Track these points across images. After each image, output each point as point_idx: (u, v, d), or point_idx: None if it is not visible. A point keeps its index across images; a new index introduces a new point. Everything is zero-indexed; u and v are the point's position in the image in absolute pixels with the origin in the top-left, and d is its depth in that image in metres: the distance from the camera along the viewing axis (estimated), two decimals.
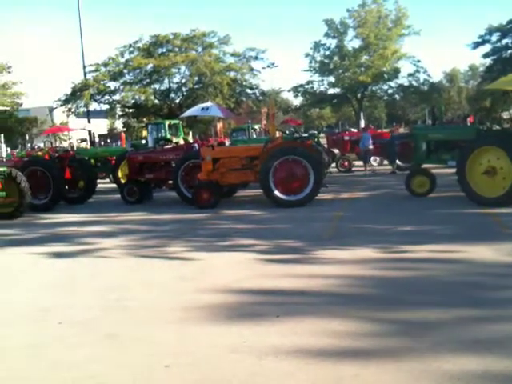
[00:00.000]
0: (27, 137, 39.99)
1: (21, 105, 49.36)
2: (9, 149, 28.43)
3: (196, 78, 40.61)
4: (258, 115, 40.81)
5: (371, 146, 18.82)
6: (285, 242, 8.25)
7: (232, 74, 41.79)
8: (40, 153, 17.16)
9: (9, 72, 47.89)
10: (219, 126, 26.94)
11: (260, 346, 4.23)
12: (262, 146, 12.80)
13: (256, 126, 28.18)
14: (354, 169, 20.46)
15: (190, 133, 33.50)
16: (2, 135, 16.76)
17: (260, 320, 4.84)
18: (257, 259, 7.21)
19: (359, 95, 48.50)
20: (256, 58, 42.53)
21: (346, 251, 7.32)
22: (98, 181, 17.26)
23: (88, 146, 30.04)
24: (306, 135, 18.56)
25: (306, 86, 49.04)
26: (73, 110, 42.01)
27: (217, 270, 6.82)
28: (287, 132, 19.02)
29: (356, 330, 4.46)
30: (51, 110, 50.52)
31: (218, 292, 5.77)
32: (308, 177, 11.84)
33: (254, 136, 24.85)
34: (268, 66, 44.14)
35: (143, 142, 25.97)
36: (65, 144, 40.62)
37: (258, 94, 43.97)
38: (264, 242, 8.30)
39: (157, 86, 42.32)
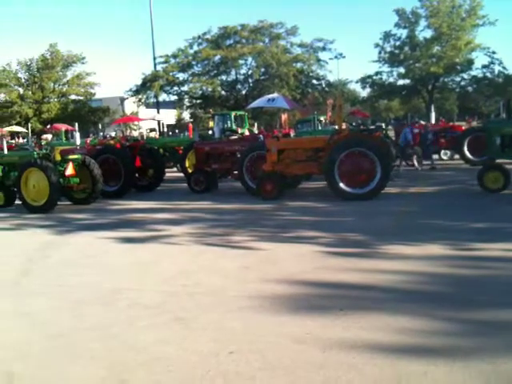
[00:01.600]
0: (100, 126, 41.54)
1: (94, 95, 51.39)
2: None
3: (262, 70, 40.76)
4: (323, 107, 40.42)
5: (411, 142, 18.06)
6: (349, 235, 8.15)
7: (299, 65, 41.59)
8: (112, 141, 17.75)
9: (83, 63, 50.01)
10: (284, 117, 26.91)
11: (324, 338, 4.22)
12: (328, 137, 12.69)
13: (321, 118, 27.92)
14: (423, 162, 19.86)
15: (255, 124, 33.65)
16: (77, 124, 17.44)
17: (324, 312, 4.82)
18: (321, 252, 7.17)
19: (430, 87, 46.89)
20: (323, 48, 42.13)
21: (412, 247, 7.14)
22: (166, 170, 17.71)
23: (157, 136, 30.88)
24: (372, 127, 18.21)
25: (375, 77, 47.97)
26: (143, 100, 43.29)
27: (280, 260, 6.85)
28: (354, 124, 18.72)
29: (424, 328, 4.36)
30: (122, 100, 52.19)
31: (282, 283, 5.79)
32: (375, 170, 11.62)
33: (320, 127, 24.62)
34: (335, 57, 43.66)
35: (210, 132, 26.35)
36: (134, 133, 41.91)
37: (324, 85, 43.57)
38: (328, 235, 8.24)
39: (224, 78, 42.88)
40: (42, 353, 4.15)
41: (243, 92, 43.45)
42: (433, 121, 23.58)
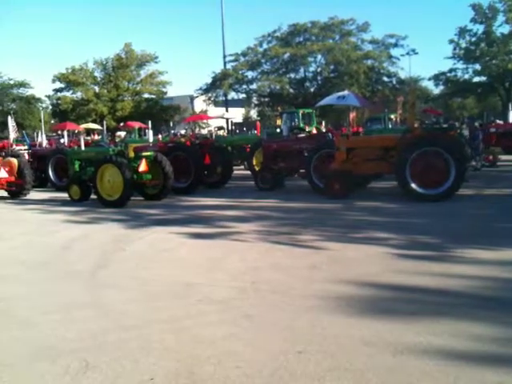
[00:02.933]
0: (171, 124, 42.64)
1: (166, 93, 52.80)
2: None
3: (332, 67, 40.40)
4: (393, 104, 39.53)
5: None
6: (421, 237, 7.91)
7: (369, 61, 40.84)
8: (182, 139, 18.19)
9: (156, 62, 51.50)
10: (352, 115, 26.51)
11: (395, 342, 4.13)
12: (399, 136, 12.38)
13: (392, 116, 27.29)
14: (499, 163, 19.00)
15: (323, 122, 33.40)
16: (150, 122, 17.98)
17: (394, 316, 4.71)
18: (390, 253, 7.01)
19: (507, 84, 44.70)
20: (395, 44, 41.17)
21: (489, 251, 6.83)
22: (234, 167, 17.92)
23: (225, 134, 31.32)
24: (445, 126, 17.59)
25: (449, 74, 46.33)
26: (212, 98, 44.02)
27: (349, 261, 6.76)
28: (427, 122, 18.15)
29: (500, 336, 4.17)
30: (192, 98, 53.32)
31: (350, 284, 5.72)
32: (448, 170, 11.21)
33: (390, 126, 24.08)
34: (407, 54, 42.56)
35: (277, 130, 26.41)
36: (203, 131, 42.72)
37: (394, 83, 42.56)
38: (398, 237, 8.04)
39: (292, 75, 42.81)
40: (117, 343, 4.31)
41: (311, 90, 43.21)
42: (511, 120, 22.43)
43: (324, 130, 24.22)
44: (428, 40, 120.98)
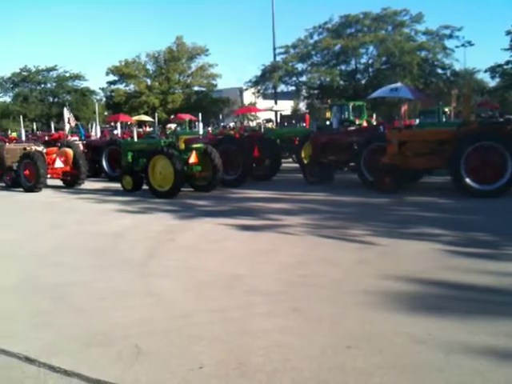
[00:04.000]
0: (220, 116, 42.98)
1: (215, 86, 53.26)
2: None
3: (384, 59, 39.59)
4: (447, 97, 38.36)
5: None
6: (475, 234, 7.68)
7: (423, 53, 39.79)
8: (232, 132, 18.31)
9: (206, 55, 52.01)
10: (404, 108, 25.92)
11: (446, 341, 4.03)
12: (454, 129, 12.03)
13: (446, 109, 26.51)
14: None
15: (374, 115, 32.81)
16: (200, 114, 18.18)
17: (446, 314, 4.60)
18: (442, 250, 6.84)
19: None
20: (450, 36, 39.88)
21: None
22: (282, 160, 17.89)
23: (274, 127, 31.30)
24: (501, 120, 16.96)
25: (505, 67, 44.46)
26: (261, 91, 44.03)
27: (399, 257, 6.64)
28: (483, 115, 17.55)
29: None
30: (241, 91, 53.52)
31: (401, 280, 5.62)
32: (506, 165, 10.81)
33: (444, 119, 23.42)
34: (463, 45, 41.09)
35: (327, 123, 26.17)
36: (251, 124, 42.84)
37: (449, 75, 41.31)
38: (451, 233, 7.83)
39: (343, 67, 42.25)
40: (167, 331, 4.40)
41: (362, 82, 42.53)
42: None
43: (375, 123, 23.81)
44: (484, 31, 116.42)
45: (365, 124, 22.82)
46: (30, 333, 4.48)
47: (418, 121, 23.74)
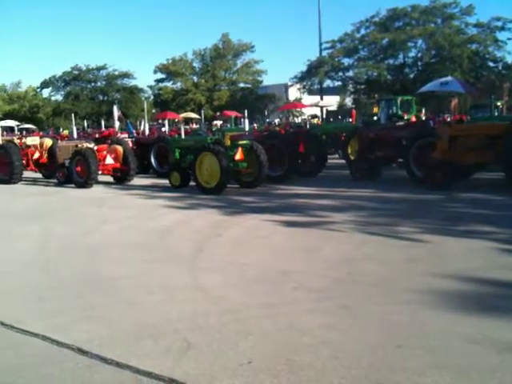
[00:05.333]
0: (265, 112, 43.05)
1: (261, 82, 53.41)
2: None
3: (433, 52, 38.67)
4: (498, 91, 37.10)
5: None
6: None
7: (473, 46, 38.64)
8: (277, 128, 18.30)
9: (252, 51, 52.24)
10: (454, 102, 25.27)
11: (501, 341, 3.91)
12: (507, 124, 11.61)
13: (498, 103, 25.67)
14: None
15: (423, 109, 32.10)
16: (246, 111, 18.26)
17: (500, 314, 4.46)
18: (496, 248, 6.62)
19: None
20: (502, 28, 38.60)
21: None
22: (328, 156, 17.74)
23: (319, 122, 31.09)
24: None
25: None
26: (307, 87, 43.82)
27: (450, 255, 6.48)
28: None
29: None
30: (286, 87, 53.40)
31: (452, 278, 5.48)
32: None
33: (496, 113, 22.68)
34: None
35: (374, 118, 25.80)
36: (296, 120, 42.69)
37: (501, 68, 39.97)
38: (504, 231, 7.59)
39: (391, 61, 41.54)
40: (216, 325, 4.45)
41: (411, 76, 41.68)
42: None
43: (424, 118, 23.30)
44: None
45: (413, 119, 22.35)
46: (82, 325, 4.62)
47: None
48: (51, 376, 3.71)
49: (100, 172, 15.88)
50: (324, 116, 40.76)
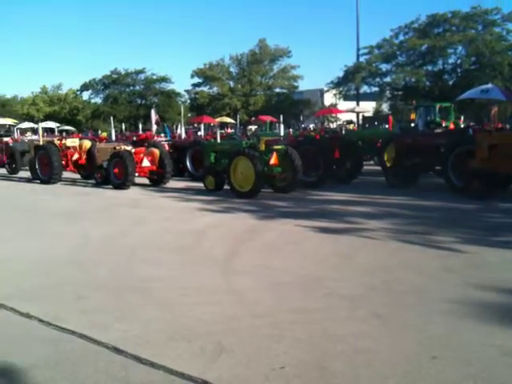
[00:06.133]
0: (301, 118, 43.00)
1: (297, 87, 53.39)
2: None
3: (473, 59, 37.93)
4: None
5: None
6: None
7: None
8: (312, 133, 18.25)
9: (288, 57, 52.28)
10: (494, 110, 24.69)
11: None
12: None
13: None
14: None
15: (462, 117, 31.50)
16: (282, 116, 18.29)
17: None
18: None
19: None
20: None
21: None
22: (364, 162, 17.59)
23: (355, 128, 30.84)
24: None
25: None
26: (343, 92, 43.57)
27: (488, 266, 6.34)
28: None
29: None
30: (322, 92, 53.23)
31: (489, 289, 5.36)
32: None
33: None
34: None
35: (412, 125, 25.43)
36: (332, 125, 42.48)
37: None
38: None
39: (429, 68, 40.95)
40: (249, 329, 4.46)
41: (450, 82, 40.98)
42: None
43: (463, 125, 22.85)
44: None
45: (452, 126, 21.94)
46: (118, 324, 4.69)
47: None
48: (86, 373, 3.78)
49: (137, 174, 16.14)
50: (360, 122, 40.46)
